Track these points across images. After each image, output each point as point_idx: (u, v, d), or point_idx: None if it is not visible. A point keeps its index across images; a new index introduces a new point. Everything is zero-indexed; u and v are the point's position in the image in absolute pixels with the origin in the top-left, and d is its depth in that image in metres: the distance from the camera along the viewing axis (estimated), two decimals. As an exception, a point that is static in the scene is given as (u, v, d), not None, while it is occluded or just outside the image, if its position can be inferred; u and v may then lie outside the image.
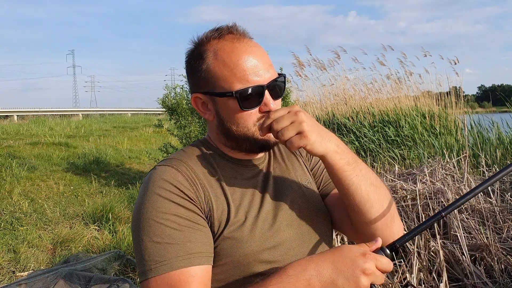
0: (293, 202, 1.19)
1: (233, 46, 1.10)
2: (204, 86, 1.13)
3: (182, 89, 7.11)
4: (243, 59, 1.08)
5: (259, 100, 1.09)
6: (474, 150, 5.59)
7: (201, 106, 1.17)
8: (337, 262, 0.91)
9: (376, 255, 0.92)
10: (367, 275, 0.89)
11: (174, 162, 1.12)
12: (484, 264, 3.21)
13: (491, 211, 3.63)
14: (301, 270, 0.92)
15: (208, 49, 1.11)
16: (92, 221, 5.65)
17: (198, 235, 1.02)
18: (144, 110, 36.91)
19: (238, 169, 1.18)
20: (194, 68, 1.14)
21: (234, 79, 1.07)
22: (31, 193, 6.83)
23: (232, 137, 1.13)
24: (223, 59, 1.08)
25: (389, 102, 9.02)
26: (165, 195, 1.03)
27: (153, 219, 1.01)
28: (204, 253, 1.01)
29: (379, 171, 5.58)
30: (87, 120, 22.00)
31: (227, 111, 1.11)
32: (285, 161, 1.28)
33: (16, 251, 4.66)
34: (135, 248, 1.02)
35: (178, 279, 0.95)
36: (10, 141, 10.98)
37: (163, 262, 0.97)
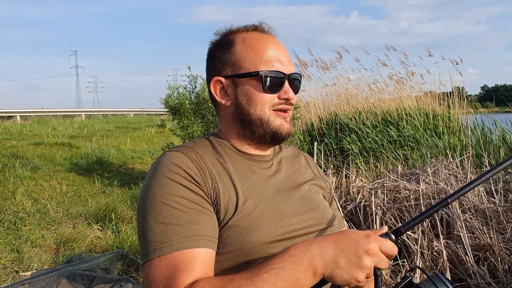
0: (304, 198, 1.20)
1: (261, 36, 1.18)
2: (227, 70, 1.17)
3: (185, 89, 7.13)
4: (270, 47, 1.15)
5: (280, 87, 1.14)
6: (477, 150, 5.57)
7: (220, 91, 1.19)
8: (340, 242, 0.91)
9: (380, 238, 0.92)
10: (370, 256, 0.88)
11: (183, 148, 1.13)
12: (488, 264, 3.21)
13: (494, 211, 3.62)
14: (303, 250, 0.91)
15: (236, 36, 1.18)
16: (95, 221, 5.66)
17: (204, 218, 1.02)
18: (147, 110, 36.97)
19: (248, 162, 1.19)
20: (219, 54, 1.18)
21: (260, 62, 1.13)
22: (34, 193, 6.84)
23: (247, 123, 1.16)
24: (251, 44, 1.15)
25: (392, 102, 9.01)
26: (173, 177, 1.04)
27: (159, 200, 1.01)
28: (209, 236, 1.00)
29: (382, 171, 5.58)
30: (90, 121, 22.04)
31: (248, 93, 1.15)
32: (293, 166, 1.30)
33: (20, 251, 4.66)
34: (139, 230, 1.02)
35: (181, 259, 0.94)
36: (13, 141, 11.00)
37: (168, 242, 0.96)
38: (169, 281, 0.92)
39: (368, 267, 0.88)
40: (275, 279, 0.88)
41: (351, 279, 0.88)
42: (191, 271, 0.93)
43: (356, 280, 0.87)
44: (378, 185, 4.45)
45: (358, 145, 7.56)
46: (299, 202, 1.18)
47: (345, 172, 5.35)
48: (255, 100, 1.14)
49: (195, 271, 0.94)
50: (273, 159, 1.26)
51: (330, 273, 0.89)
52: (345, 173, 5.34)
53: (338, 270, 0.88)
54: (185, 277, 0.92)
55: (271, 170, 1.22)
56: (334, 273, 0.88)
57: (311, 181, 1.29)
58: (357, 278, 0.87)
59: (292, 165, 1.31)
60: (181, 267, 0.93)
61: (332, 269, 0.89)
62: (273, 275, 0.88)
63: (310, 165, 1.37)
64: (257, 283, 0.87)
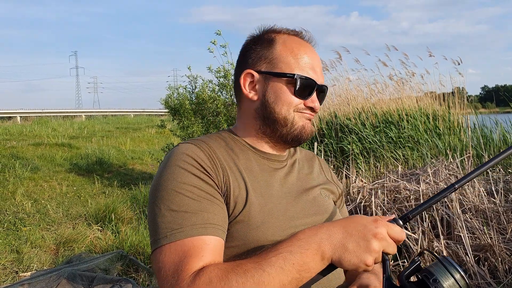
0: (314, 201, 1.20)
1: (302, 42, 1.21)
2: (263, 65, 1.18)
3: (185, 89, 7.12)
4: (308, 54, 1.18)
5: (309, 94, 1.17)
6: (477, 150, 5.57)
7: (249, 84, 1.20)
8: (348, 227, 0.92)
9: (388, 223, 0.92)
10: (378, 240, 0.89)
11: (197, 141, 1.15)
12: (488, 265, 3.20)
13: (495, 212, 3.61)
14: (311, 234, 0.92)
15: (278, 36, 1.21)
16: (95, 222, 5.65)
17: (215, 208, 1.03)
18: (147, 111, 36.97)
19: (261, 160, 1.20)
20: (257, 48, 1.20)
21: (296, 66, 1.15)
22: (34, 194, 6.84)
23: (271, 121, 1.17)
24: (292, 47, 1.18)
25: (392, 103, 9.00)
26: (185, 167, 1.05)
27: (172, 188, 1.02)
28: (219, 225, 1.01)
29: (382, 171, 5.57)
30: (90, 121, 22.05)
31: (277, 92, 1.16)
32: (306, 168, 1.31)
33: (19, 252, 4.66)
34: (150, 217, 1.03)
35: (192, 245, 0.95)
36: (13, 142, 11.01)
37: (179, 229, 0.97)
38: (179, 267, 0.92)
39: (377, 251, 0.88)
40: (283, 263, 0.88)
41: (359, 262, 0.88)
42: (200, 257, 0.94)
43: (365, 263, 0.88)
44: (378, 186, 4.45)
45: (358, 145, 7.55)
46: (308, 204, 1.18)
47: (345, 173, 5.34)
48: (282, 100, 1.16)
49: (204, 257, 0.94)
50: (287, 160, 1.27)
51: (339, 257, 0.89)
52: (345, 173, 5.33)
53: (346, 253, 0.89)
54: (195, 263, 0.92)
55: (284, 170, 1.23)
56: (343, 257, 0.89)
57: (323, 185, 1.29)
58: (365, 261, 0.88)
59: (306, 168, 1.31)
60: (191, 253, 0.94)
61: (340, 253, 0.89)
62: (281, 259, 0.88)
63: (323, 169, 1.38)
64: (265, 267, 0.88)
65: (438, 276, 0.86)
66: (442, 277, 0.86)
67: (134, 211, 5.93)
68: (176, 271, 0.91)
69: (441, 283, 0.85)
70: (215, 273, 0.88)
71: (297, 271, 0.88)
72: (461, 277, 0.86)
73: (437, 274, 0.86)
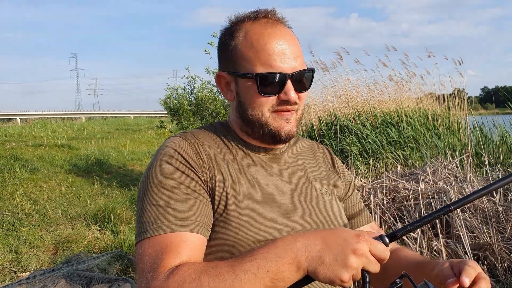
0: (312, 200, 1.16)
1: (265, 30, 1.09)
2: (229, 65, 1.13)
3: (184, 90, 7.12)
4: (271, 44, 1.07)
5: (280, 88, 1.08)
6: (477, 150, 5.56)
7: (225, 85, 1.17)
8: (328, 239, 0.87)
9: (372, 239, 0.87)
10: (357, 256, 0.84)
11: (186, 134, 1.13)
12: (487, 264, 3.19)
13: (494, 210, 3.61)
14: (290, 242, 0.88)
15: (240, 28, 1.12)
16: (94, 222, 5.64)
17: (198, 204, 1.01)
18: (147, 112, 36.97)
19: (253, 156, 1.16)
20: (224, 46, 1.14)
21: (257, 62, 1.07)
22: (33, 195, 6.84)
23: (248, 121, 1.13)
24: (251, 40, 1.08)
25: (392, 104, 8.99)
26: (170, 162, 1.04)
27: (156, 183, 1.02)
28: (201, 222, 1.00)
29: (381, 171, 5.57)
30: (90, 123, 22.05)
31: (246, 93, 1.11)
32: (306, 165, 1.25)
33: (18, 252, 4.65)
34: (137, 211, 1.03)
35: (169, 242, 0.94)
36: (12, 143, 11.01)
37: (159, 224, 0.96)
38: (155, 262, 0.92)
39: (354, 267, 0.84)
40: (257, 270, 0.85)
41: (334, 277, 0.84)
42: (177, 253, 0.93)
43: (340, 279, 0.84)
44: (377, 185, 4.44)
45: (358, 146, 7.55)
46: (304, 204, 1.14)
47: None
48: (253, 102, 1.10)
49: (181, 254, 0.93)
50: (286, 153, 1.22)
51: (314, 269, 0.85)
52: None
53: (322, 266, 0.85)
54: (171, 259, 0.92)
55: (280, 164, 1.19)
56: (318, 270, 0.85)
57: (324, 180, 1.24)
58: (340, 277, 0.83)
59: (307, 160, 1.26)
60: (168, 249, 0.93)
61: (316, 265, 0.85)
62: (255, 265, 0.86)
63: (327, 160, 1.32)
64: (238, 272, 0.85)
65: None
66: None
67: (133, 212, 5.92)
68: (152, 267, 0.91)
69: None
70: (189, 273, 0.87)
71: (271, 279, 0.85)
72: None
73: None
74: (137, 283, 0.94)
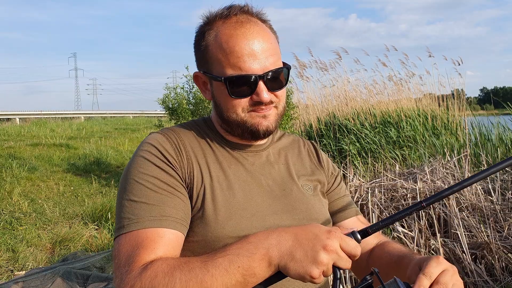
0: (289, 197, 1.14)
1: (234, 31, 1.05)
2: (203, 65, 1.12)
3: (183, 89, 7.11)
4: (240, 46, 1.03)
5: (252, 89, 1.05)
6: (475, 150, 5.56)
7: (202, 84, 1.16)
8: (300, 235, 0.88)
9: (343, 235, 0.87)
10: (327, 252, 0.84)
11: (166, 130, 1.13)
12: (485, 263, 3.19)
13: (492, 210, 3.60)
14: (262, 239, 0.89)
15: (211, 28, 1.09)
16: (92, 221, 5.63)
17: (175, 201, 1.01)
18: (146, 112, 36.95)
19: (233, 153, 1.15)
20: (197, 45, 1.13)
21: (227, 65, 1.04)
22: (31, 194, 6.82)
23: (225, 121, 1.12)
24: (220, 42, 1.05)
25: (391, 104, 9.00)
26: (148, 158, 1.04)
27: (133, 178, 1.02)
28: (178, 219, 1.00)
29: (379, 171, 5.56)
30: (89, 122, 22.04)
31: (220, 95, 1.10)
32: (290, 160, 1.24)
33: (15, 250, 4.64)
34: (116, 207, 1.03)
35: (145, 237, 0.94)
36: (11, 142, 10.99)
37: (135, 219, 0.97)
38: (131, 257, 0.92)
39: (324, 264, 0.84)
40: (228, 265, 0.86)
41: (304, 273, 0.84)
42: (152, 249, 0.93)
43: (310, 275, 0.84)
44: (375, 184, 4.43)
45: (356, 146, 7.55)
46: (283, 199, 1.13)
47: (343, 172, 5.33)
48: (226, 104, 1.09)
49: (157, 250, 0.93)
50: (268, 149, 1.21)
51: (285, 265, 0.86)
52: (343, 172, 5.31)
53: (292, 262, 0.85)
54: (146, 255, 0.92)
55: (261, 160, 1.18)
56: (289, 265, 0.85)
57: (308, 176, 1.23)
58: (310, 273, 0.84)
59: (291, 156, 1.25)
60: (144, 245, 0.93)
61: (287, 260, 0.86)
62: (227, 261, 0.86)
63: (311, 154, 1.31)
64: (209, 267, 0.86)
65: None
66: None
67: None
68: (128, 262, 0.91)
69: None
70: (162, 268, 0.87)
71: (242, 275, 0.85)
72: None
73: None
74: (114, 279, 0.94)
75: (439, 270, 0.87)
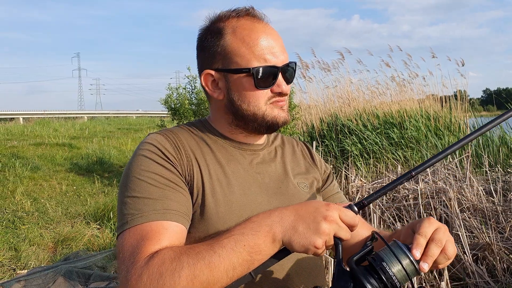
0: (289, 193, 1.18)
1: (253, 25, 1.11)
2: (218, 62, 1.13)
3: (185, 89, 7.12)
4: (262, 39, 1.10)
5: (273, 81, 1.11)
6: (477, 151, 5.55)
7: (211, 84, 1.16)
8: (300, 210, 0.91)
9: (341, 207, 0.92)
10: (328, 222, 0.88)
11: (165, 131, 1.15)
12: (486, 264, 3.19)
13: (493, 211, 3.60)
14: (264, 217, 0.92)
15: (226, 25, 1.12)
16: (94, 220, 5.65)
17: (177, 195, 1.02)
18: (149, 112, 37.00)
19: (233, 151, 1.17)
20: (209, 44, 1.14)
21: (252, 57, 1.08)
22: (34, 193, 6.84)
23: (241, 116, 1.14)
24: (242, 35, 1.09)
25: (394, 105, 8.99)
26: (149, 156, 1.06)
27: (135, 176, 1.03)
28: (181, 212, 1.01)
29: (381, 172, 5.56)
30: (92, 122, 22.08)
31: (240, 88, 1.11)
32: (286, 159, 1.27)
33: (17, 249, 4.66)
34: (117, 206, 1.04)
35: (150, 229, 0.95)
36: (14, 142, 11.03)
37: (139, 214, 0.97)
38: (136, 250, 0.92)
39: (326, 233, 0.87)
40: (234, 245, 0.88)
41: (308, 244, 0.87)
42: (158, 240, 0.93)
43: (314, 245, 0.87)
44: (377, 185, 4.44)
45: (358, 146, 7.54)
46: (280, 196, 1.16)
47: (345, 173, 5.33)
48: (247, 97, 1.11)
49: (162, 241, 0.93)
50: (265, 148, 1.24)
51: (289, 239, 0.89)
52: (345, 173, 5.31)
53: (296, 235, 0.88)
54: (151, 246, 0.92)
55: (258, 159, 1.20)
56: (292, 239, 0.88)
57: (303, 175, 1.26)
58: (314, 243, 0.87)
59: (286, 156, 1.28)
60: (148, 237, 0.94)
61: (290, 235, 0.89)
62: (232, 241, 0.88)
63: (305, 155, 1.34)
64: (216, 249, 0.88)
65: (386, 260, 0.85)
66: (390, 262, 0.85)
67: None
68: (133, 254, 0.91)
69: (389, 268, 0.84)
70: (168, 255, 0.88)
71: (248, 253, 0.88)
72: (410, 262, 0.85)
73: (386, 259, 0.85)
74: (118, 277, 0.94)
75: (433, 229, 0.92)
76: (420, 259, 0.87)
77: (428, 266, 0.88)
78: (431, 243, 0.89)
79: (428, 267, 0.88)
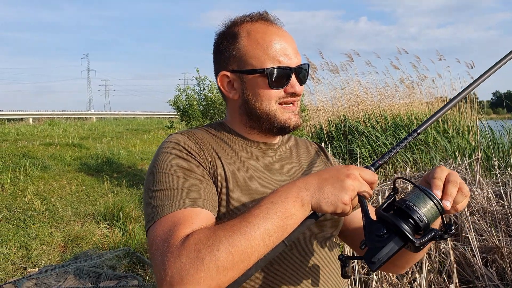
0: None
1: (266, 28, 1.17)
2: (233, 64, 1.18)
3: (194, 91, 7.15)
4: (275, 41, 1.15)
5: (286, 82, 1.15)
6: (487, 153, 5.52)
7: (227, 85, 1.21)
8: (323, 174, 0.97)
9: (359, 167, 0.99)
10: (351, 179, 0.94)
11: (185, 131, 1.19)
12: (496, 267, 3.17)
13: (503, 214, 3.58)
14: (289, 186, 0.97)
15: (241, 29, 1.18)
16: (103, 220, 5.69)
17: (204, 186, 1.05)
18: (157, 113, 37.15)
19: (252, 150, 1.21)
20: (225, 47, 1.19)
21: (266, 58, 1.14)
22: (44, 192, 6.90)
23: (254, 116, 1.18)
24: (256, 38, 1.15)
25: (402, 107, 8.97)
26: (173, 152, 1.09)
27: (161, 171, 1.05)
28: (209, 201, 1.03)
29: (390, 174, 5.55)
30: (101, 123, 22.21)
31: (254, 88, 1.16)
32: (302, 158, 1.31)
33: (28, 248, 4.71)
34: (144, 204, 1.06)
35: (182, 216, 0.96)
36: (24, 142, 11.12)
37: (170, 204, 0.99)
38: (169, 235, 0.92)
39: (351, 189, 0.93)
40: (267, 213, 0.91)
41: (336, 201, 0.93)
42: (190, 224, 0.94)
43: (342, 202, 0.93)
44: (386, 187, 4.42)
45: (367, 148, 7.53)
46: None
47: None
48: (261, 96, 1.15)
49: (194, 225, 0.94)
50: (280, 149, 1.28)
51: (317, 201, 0.94)
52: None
53: (323, 196, 0.94)
54: (184, 229, 0.93)
55: (275, 158, 1.24)
56: (321, 199, 0.94)
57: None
58: (342, 199, 0.93)
59: (302, 155, 1.32)
60: (181, 222, 0.95)
61: (318, 196, 0.94)
62: (264, 210, 0.92)
63: (319, 153, 1.38)
64: (250, 219, 0.91)
65: (415, 203, 0.93)
66: (418, 204, 0.92)
67: (142, 210, 5.96)
68: (167, 239, 0.92)
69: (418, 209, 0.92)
70: (204, 233, 0.90)
71: (280, 219, 0.91)
72: (435, 202, 0.93)
73: (414, 201, 0.93)
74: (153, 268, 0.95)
75: (446, 173, 1.00)
76: (441, 198, 0.95)
77: (450, 204, 0.95)
78: (448, 184, 0.97)
79: (450, 204, 0.95)
